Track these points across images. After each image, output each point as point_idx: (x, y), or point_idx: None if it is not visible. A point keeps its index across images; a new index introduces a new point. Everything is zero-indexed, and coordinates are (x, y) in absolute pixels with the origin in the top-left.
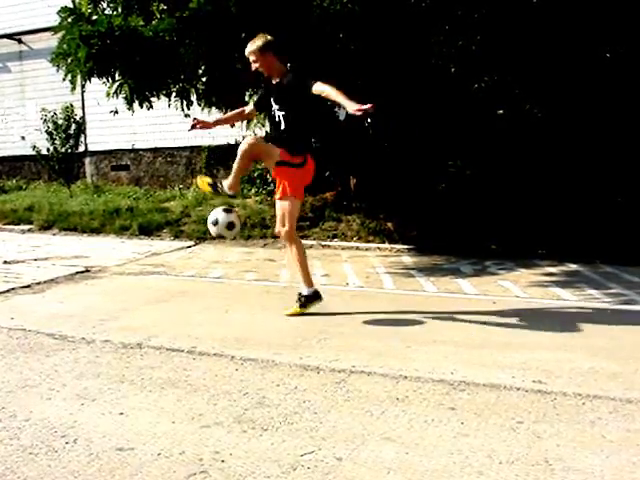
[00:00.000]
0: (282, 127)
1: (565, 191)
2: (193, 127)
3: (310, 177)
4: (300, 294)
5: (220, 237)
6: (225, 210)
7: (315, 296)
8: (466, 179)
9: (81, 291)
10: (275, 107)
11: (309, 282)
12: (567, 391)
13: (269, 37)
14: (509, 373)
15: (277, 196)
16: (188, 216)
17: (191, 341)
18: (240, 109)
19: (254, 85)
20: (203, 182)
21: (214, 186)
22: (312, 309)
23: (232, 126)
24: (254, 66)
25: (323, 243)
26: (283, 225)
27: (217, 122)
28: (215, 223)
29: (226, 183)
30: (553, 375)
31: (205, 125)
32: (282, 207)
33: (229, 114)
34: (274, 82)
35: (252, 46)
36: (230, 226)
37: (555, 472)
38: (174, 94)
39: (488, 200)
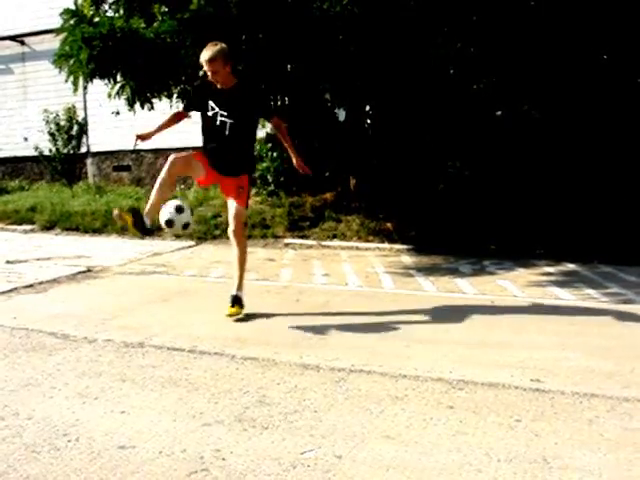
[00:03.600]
0: (226, 133)
1: (563, 191)
2: (137, 141)
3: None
4: (237, 296)
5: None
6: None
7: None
8: (465, 179)
9: (83, 291)
10: (221, 112)
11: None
12: (565, 390)
13: (224, 45)
14: (507, 372)
15: (236, 201)
16: None
17: (192, 340)
18: (175, 115)
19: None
20: (126, 219)
21: (139, 225)
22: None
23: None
24: (214, 77)
25: (323, 243)
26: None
27: (158, 130)
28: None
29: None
30: (551, 374)
31: (147, 136)
32: (241, 212)
33: (167, 121)
34: (219, 87)
35: (214, 54)
36: (179, 209)
37: (553, 470)
38: (175, 95)
39: (487, 200)
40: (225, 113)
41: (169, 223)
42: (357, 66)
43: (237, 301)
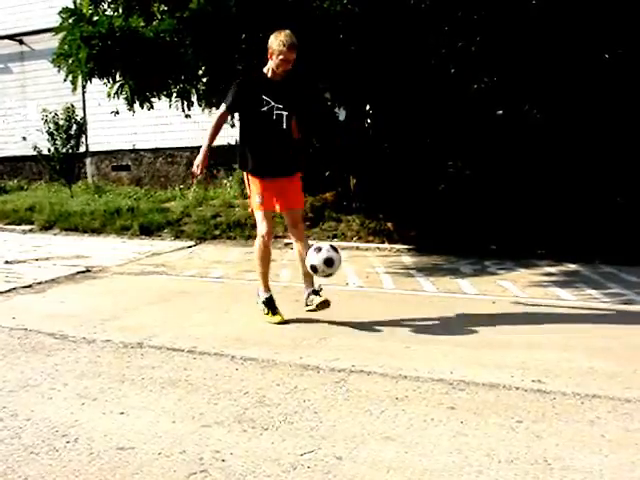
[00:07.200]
0: (283, 127)
1: (564, 191)
2: (202, 172)
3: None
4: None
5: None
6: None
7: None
8: (465, 179)
9: (82, 291)
10: (277, 106)
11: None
12: (566, 391)
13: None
14: (508, 372)
15: (300, 206)
16: (188, 216)
17: (191, 341)
18: (220, 119)
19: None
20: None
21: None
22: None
23: (232, 126)
24: (286, 66)
25: None
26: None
27: (210, 145)
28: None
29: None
30: (552, 374)
31: (206, 160)
32: (301, 216)
33: (214, 130)
34: (270, 78)
35: (295, 41)
36: (329, 262)
37: (554, 471)
38: (175, 95)
39: (487, 200)
40: (281, 106)
41: (314, 268)
42: (357, 65)
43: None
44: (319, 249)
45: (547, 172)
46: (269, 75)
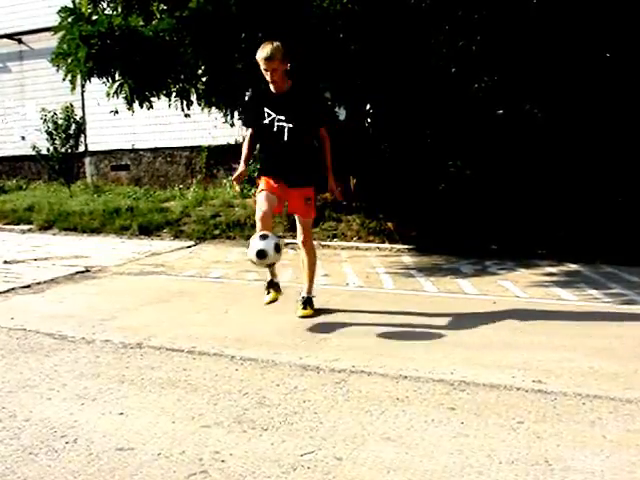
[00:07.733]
0: (285, 139)
1: (565, 191)
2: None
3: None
4: (309, 298)
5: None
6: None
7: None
8: (466, 179)
9: (81, 291)
10: (278, 117)
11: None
12: (567, 391)
13: (279, 43)
14: (509, 373)
15: (304, 215)
16: (188, 216)
17: (191, 341)
18: (250, 137)
19: (254, 85)
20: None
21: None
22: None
23: (232, 126)
24: (272, 76)
25: (323, 243)
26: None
27: (246, 160)
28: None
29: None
30: (553, 375)
31: (243, 174)
32: (309, 224)
33: (248, 148)
34: (274, 91)
35: (272, 52)
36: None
37: (555, 472)
38: (174, 94)
39: (488, 200)
40: (282, 117)
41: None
42: (358, 65)
43: (309, 302)
44: (264, 237)
45: (548, 172)
46: (272, 88)
